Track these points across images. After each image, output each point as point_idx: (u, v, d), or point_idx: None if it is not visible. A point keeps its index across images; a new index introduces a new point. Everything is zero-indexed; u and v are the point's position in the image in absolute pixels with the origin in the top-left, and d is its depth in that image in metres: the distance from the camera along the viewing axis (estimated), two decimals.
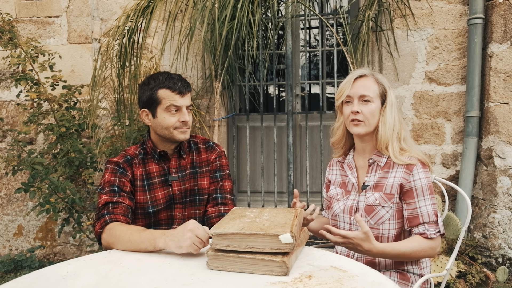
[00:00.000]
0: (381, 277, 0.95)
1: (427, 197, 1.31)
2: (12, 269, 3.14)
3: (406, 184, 1.32)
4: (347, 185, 1.46)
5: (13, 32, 2.90)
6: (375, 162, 1.40)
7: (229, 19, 2.68)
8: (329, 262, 1.06)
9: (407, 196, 1.32)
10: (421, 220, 1.29)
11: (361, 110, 1.34)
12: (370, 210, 1.35)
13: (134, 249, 1.19)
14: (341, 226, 1.43)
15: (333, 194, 1.49)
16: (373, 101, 1.35)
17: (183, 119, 1.43)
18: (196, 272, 1.01)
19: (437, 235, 1.29)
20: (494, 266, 2.68)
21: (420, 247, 1.27)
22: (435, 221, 1.30)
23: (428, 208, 1.30)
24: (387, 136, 1.34)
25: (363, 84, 1.36)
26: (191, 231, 1.10)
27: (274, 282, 0.93)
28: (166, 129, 1.44)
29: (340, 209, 1.43)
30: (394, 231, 1.34)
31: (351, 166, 1.46)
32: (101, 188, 1.41)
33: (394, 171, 1.35)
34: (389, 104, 1.36)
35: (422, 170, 1.32)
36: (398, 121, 1.37)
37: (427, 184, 1.31)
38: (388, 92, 1.38)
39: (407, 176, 1.32)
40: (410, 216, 1.32)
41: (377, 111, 1.36)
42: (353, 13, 3.21)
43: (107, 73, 2.85)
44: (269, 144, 3.44)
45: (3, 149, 3.63)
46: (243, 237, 0.99)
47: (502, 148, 2.75)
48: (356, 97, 1.36)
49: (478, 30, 2.81)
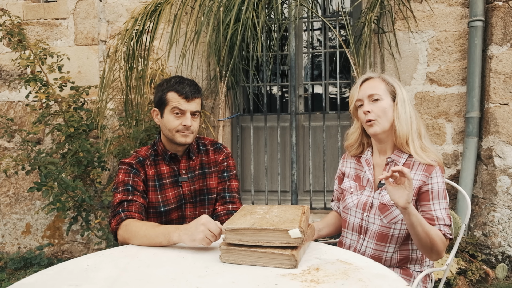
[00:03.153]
0: (384, 269, 1.00)
1: (442, 201, 1.32)
2: (22, 267, 3.21)
3: (424, 186, 1.33)
4: (362, 180, 1.47)
5: (22, 34, 2.96)
6: (393, 161, 1.40)
7: (233, 21, 2.73)
8: (335, 256, 1.12)
9: (422, 198, 1.34)
10: (436, 222, 1.31)
11: (372, 109, 1.37)
12: (384, 209, 1.36)
13: (150, 244, 1.25)
14: (351, 220, 1.46)
15: (347, 187, 1.51)
16: (383, 99, 1.38)
17: (185, 123, 1.48)
18: (210, 265, 1.07)
19: (450, 237, 1.31)
20: (494, 263, 2.73)
21: (437, 235, 1.26)
22: (449, 225, 1.32)
23: (442, 212, 1.32)
24: (404, 131, 1.35)
25: (370, 85, 1.40)
26: (203, 225, 1.16)
27: (284, 274, 0.99)
28: (169, 130, 1.50)
29: (354, 203, 1.45)
30: (404, 231, 1.36)
31: (368, 162, 1.47)
32: (115, 188, 1.47)
33: (413, 173, 1.35)
34: (400, 100, 1.38)
35: (440, 174, 1.33)
36: (415, 117, 1.38)
37: (443, 188, 1.33)
38: (397, 89, 1.40)
39: (426, 178, 1.33)
40: (424, 218, 1.31)
41: (389, 108, 1.38)
42: (355, 15, 3.27)
43: (115, 75, 2.91)
44: (272, 144, 3.49)
45: (11, 149, 3.70)
46: (254, 232, 1.05)
47: (501, 148, 2.80)
48: (365, 98, 1.39)
49: (478, 32, 2.87)
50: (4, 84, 3.72)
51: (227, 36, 2.75)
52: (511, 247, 2.75)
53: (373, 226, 1.39)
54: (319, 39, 4.05)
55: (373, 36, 3.06)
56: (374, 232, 1.39)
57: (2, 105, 3.72)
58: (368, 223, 1.41)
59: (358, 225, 1.43)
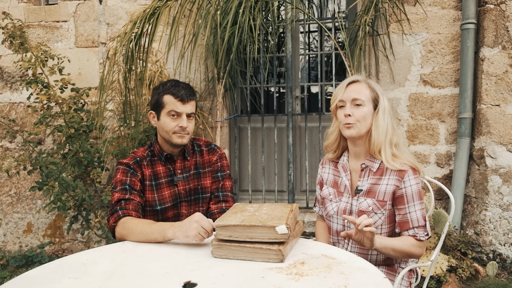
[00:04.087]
0: (365, 263, 1.06)
1: (417, 203, 1.38)
2: (24, 264, 3.28)
3: (398, 191, 1.38)
4: (340, 186, 1.51)
5: (24, 37, 3.02)
6: (367, 167, 1.45)
7: (231, 24, 2.79)
8: (321, 251, 1.18)
9: (398, 202, 1.39)
10: (411, 225, 1.38)
11: (353, 113, 1.40)
12: None
13: (146, 240, 1.31)
14: (334, 227, 1.51)
15: (326, 194, 1.55)
16: (365, 105, 1.41)
17: (181, 125, 1.55)
18: (202, 259, 1.13)
19: (426, 238, 1.38)
20: (485, 261, 2.79)
21: (411, 245, 1.35)
22: (424, 225, 1.38)
23: (417, 214, 1.38)
24: (380, 141, 1.39)
25: (355, 89, 1.43)
26: (197, 222, 1.23)
27: (271, 268, 1.05)
28: (166, 132, 1.57)
29: (334, 211, 1.50)
30: (385, 234, 1.43)
31: (345, 168, 1.51)
32: (113, 187, 1.53)
33: (387, 178, 1.40)
34: (381, 109, 1.41)
35: (413, 177, 1.38)
36: (391, 127, 1.42)
37: (417, 190, 1.38)
38: (380, 98, 1.43)
39: (399, 183, 1.38)
40: (401, 221, 1.40)
41: (369, 115, 1.41)
42: (351, 17, 3.33)
43: (115, 77, 2.97)
44: (269, 145, 3.56)
45: (13, 149, 3.76)
46: (244, 229, 1.11)
47: (493, 148, 2.86)
48: (348, 101, 1.42)
49: (470, 35, 2.92)
50: (6, 86, 3.79)
51: (225, 38, 2.81)
52: (501, 245, 2.81)
53: None
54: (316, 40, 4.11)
55: (367, 38, 3.12)
56: None
57: (4, 106, 3.79)
58: (350, 229, 1.45)
59: (342, 231, 1.47)
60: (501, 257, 2.80)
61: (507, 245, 2.80)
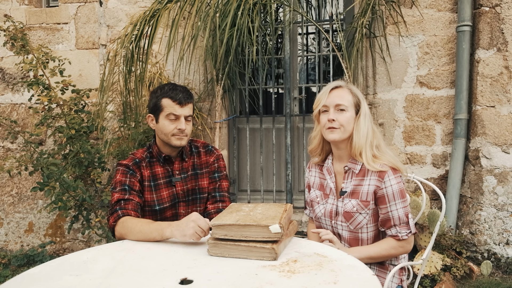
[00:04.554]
0: (355, 261, 1.10)
1: (398, 202, 1.43)
2: (25, 263, 3.32)
3: (379, 191, 1.44)
4: (325, 188, 1.57)
5: (25, 39, 3.06)
6: (350, 169, 1.50)
7: (229, 26, 2.83)
8: (313, 249, 1.22)
9: (380, 202, 1.45)
10: (392, 223, 1.44)
11: (337, 118, 1.45)
12: (349, 217, 1.48)
13: (144, 239, 1.35)
14: (323, 227, 1.57)
15: (313, 197, 1.61)
16: (348, 110, 1.47)
17: (180, 127, 1.59)
18: (198, 257, 1.17)
19: (409, 236, 1.43)
20: (480, 260, 2.83)
21: (391, 247, 1.42)
22: (406, 222, 1.44)
23: (399, 212, 1.43)
24: (361, 144, 1.45)
25: (338, 94, 1.48)
26: (193, 222, 1.27)
27: (264, 265, 1.09)
28: (165, 134, 1.61)
29: (321, 213, 1.56)
30: (372, 233, 1.49)
31: (330, 171, 1.57)
32: (113, 188, 1.57)
33: (368, 178, 1.46)
34: (362, 114, 1.48)
35: (393, 177, 1.43)
36: (371, 130, 1.48)
37: (398, 189, 1.43)
38: (362, 103, 1.49)
39: (379, 183, 1.43)
40: (383, 219, 1.46)
41: (351, 119, 1.47)
42: (348, 19, 3.37)
43: (115, 78, 3.01)
44: (268, 145, 3.60)
45: (14, 150, 3.81)
46: (239, 228, 1.15)
47: (488, 149, 2.89)
48: (332, 106, 1.47)
49: (466, 37, 2.96)
50: (7, 87, 3.83)
51: (223, 40, 2.85)
52: (496, 245, 2.85)
53: (343, 232, 1.51)
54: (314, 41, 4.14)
55: (365, 40, 3.16)
56: (346, 238, 1.51)
57: (5, 107, 3.83)
58: (338, 230, 1.52)
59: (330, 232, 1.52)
60: (496, 256, 2.84)
61: (502, 245, 2.84)
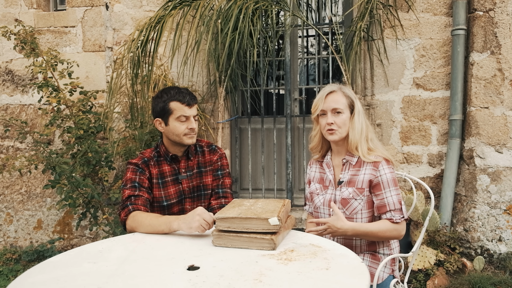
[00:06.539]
0: (347, 251, 1.22)
1: (392, 189, 1.58)
2: (35, 259, 3.44)
3: (374, 179, 1.58)
4: (325, 181, 1.72)
5: (35, 43, 3.18)
6: (347, 162, 1.66)
7: (231, 30, 2.94)
8: (309, 241, 1.33)
9: (375, 189, 1.59)
10: (388, 208, 1.57)
11: (335, 121, 1.62)
12: (345, 203, 1.61)
13: (154, 231, 1.47)
14: (322, 216, 1.70)
15: (313, 189, 1.75)
16: (344, 112, 1.63)
17: (191, 127, 1.72)
18: (204, 247, 1.28)
19: (402, 220, 1.56)
20: (473, 256, 2.93)
21: (386, 228, 1.54)
22: (400, 208, 1.57)
23: (393, 198, 1.57)
24: (356, 140, 1.62)
25: (333, 99, 1.63)
26: (199, 215, 1.38)
27: (264, 254, 1.20)
28: (177, 135, 1.72)
29: (320, 202, 1.69)
30: (366, 219, 1.61)
31: (329, 165, 1.72)
32: (124, 185, 1.69)
33: (364, 169, 1.62)
34: (356, 113, 1.64)
35: (386, 166, 1.59)
36: (365, 125, 1.65)
37: (392, 177, 1.59)
38: (355, 103, 1.65)
39: (375, 172, 1.58)
40: (378, 205, 1.59)
41: (347, 120, 1.63)
42: (347, 23, 3.47)
43: (122, 82, 3.13)
44: (269, 145, 3.70)
45: (23, 149, 3.93)
46: (241, 221, 1.26)
47: (482, 149, 2.99)
48: (329, 110, 1.63)
49: (460, 40, 3.06)
50: (17, 88, 3.96)
51: (226, 43, 2.96)
52: (489, 241, 2.95)
53: None
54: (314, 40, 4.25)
55: (363, 43, 3.26)
56: None
57: (14, 108, 3.95)
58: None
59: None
60: (488, 252, 2.94)
61: (494, 241, 2.94)
